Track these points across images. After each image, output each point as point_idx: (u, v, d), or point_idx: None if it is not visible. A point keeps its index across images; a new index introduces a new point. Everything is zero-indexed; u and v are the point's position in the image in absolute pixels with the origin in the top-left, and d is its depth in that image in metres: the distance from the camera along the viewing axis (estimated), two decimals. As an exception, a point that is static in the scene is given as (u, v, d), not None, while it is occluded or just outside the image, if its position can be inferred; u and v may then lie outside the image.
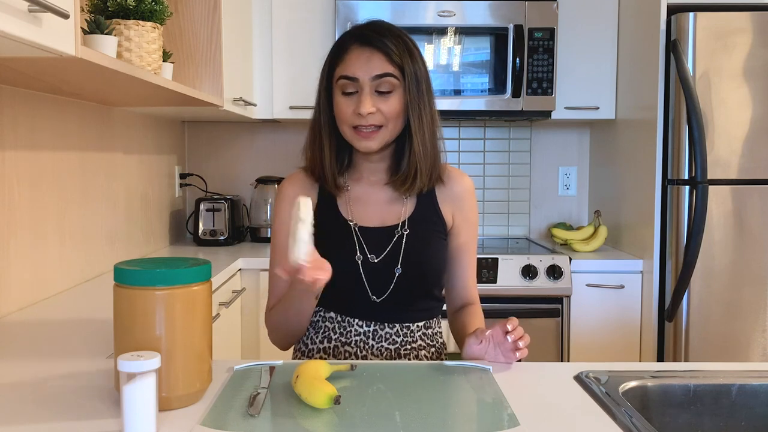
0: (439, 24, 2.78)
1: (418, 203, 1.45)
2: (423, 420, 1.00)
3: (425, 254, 1.42)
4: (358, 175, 1.46)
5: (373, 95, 1.34)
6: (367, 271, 1.40)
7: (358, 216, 1.43)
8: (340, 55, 1.38)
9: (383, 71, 1.34)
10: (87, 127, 2.13)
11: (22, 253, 1.75)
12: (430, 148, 1.40)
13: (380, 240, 1.41)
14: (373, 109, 1.33)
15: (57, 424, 0.98)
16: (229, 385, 1.14)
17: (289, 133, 3.23)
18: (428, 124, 1.39)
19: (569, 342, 2.64)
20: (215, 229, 2.93)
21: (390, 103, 1.35)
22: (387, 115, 1.35)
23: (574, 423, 1.02)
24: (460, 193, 1.48)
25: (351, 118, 1.35)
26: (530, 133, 3.28)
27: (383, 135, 1.36)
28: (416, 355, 1.43)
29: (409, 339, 1.43)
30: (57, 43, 1.11)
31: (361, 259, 1.40)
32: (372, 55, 1.35)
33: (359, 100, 1.34)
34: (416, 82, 1.37)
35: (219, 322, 2.14)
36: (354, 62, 1.35)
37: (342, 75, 1.36)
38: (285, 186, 1.48)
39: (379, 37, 1.36)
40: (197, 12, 2.32)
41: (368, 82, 1.34)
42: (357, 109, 1.34)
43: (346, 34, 1.40)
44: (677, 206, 2.46)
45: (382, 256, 1.40)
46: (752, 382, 1.22)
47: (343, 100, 1.36)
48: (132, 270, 1.01)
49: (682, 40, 2.41)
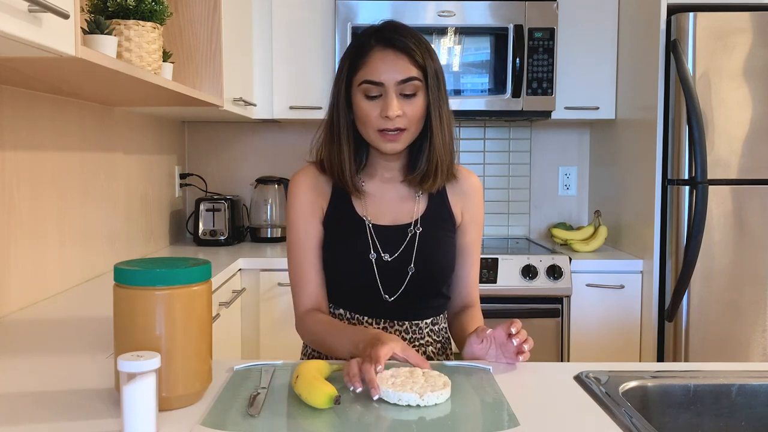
0: (439, 24, 2.78)
1: (430, 201, 1.45)
2: (423, 420, 1.00)
3: (437, 253, 1.42)
4: (372, 171, 1.45)
5: (399, 98, 1.33)
6: (380, 269, 1.40)
7: (372, 213, 1.43)
8: (362, 57, 1.36)
9: (408, 75, 1.33)
10: (87, 127, 2.13)
11: (22, 253, 1.75)
12: (449, 144, 1.40)
13: (394, 238, 1.41)
14: (400, 112, 1.33)
15: (57, 424, 0.98)
16: (229, 385, 1.13)
17: (289, 133, 3.23)
18: (447, 122, 1.40)
19: (569, 342, 2.64)
20: (215, 229, 2.93)
21: (414, 105, 1.34)
22: (411, 117, 1.34)
23: (574, 423, 1.02)
24: (469, 190, 1.48)
25: (377, 121, 1.34)
26: (530, 133, 3.28)
27: (407, 136, 1.36)
28: (423, 351, 1.44)
29: (417, 336, 1.43)
30: (57, 43, 1.11)
31: (375, 257, 1.40)
32: (396, 57, 1.33)
33: (385, 103, 1.33)
34: (437, 81, 1.37)
35: (219, 322, 2.14)
36: (378, 66, 1.33)
37: (366, 80, 1.34)
38: (298, 180, 1.46)
39: (401, 38, 1.35)
40: (197, 12, 2.32)
41: (393, 86, 1.33)
42: (384, 113, 1.32)
43: (365, 36, 1.38)
44: (677, 206, 2.46)
45: (396, 254, 1.40)
46: (752, 382, 1.22)
47: (367, 104, 1.34)
48: (132, 270, 1.01)
49: (682, 40, 2.41)
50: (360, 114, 1.36)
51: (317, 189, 1.44)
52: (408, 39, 1.35)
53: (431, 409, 1.04)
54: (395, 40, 1.34)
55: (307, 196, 1.43)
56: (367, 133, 1.37)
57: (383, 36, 1.36)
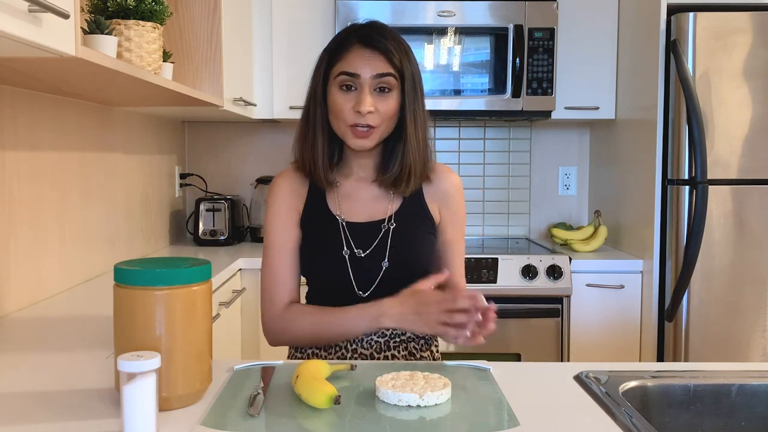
0: (439, 24, 2.78)
1: (405, 199, 1.46)
2: (423, 420, 1.00)
3: (412, 248, 1.43)
4: (347, 170, 1.47)
5: (373, 94, 1.35)
6: (354, 265, 1.41)
7: (347, 212, 1.44)
8: (341, 51, 1.38)
9: (384, 71, 1.35)
10: (87, 127, 2.13)
11: (22, 253, 1.75)
12: (423, 149, 1.42)
13: (367, 234, 1.42)
14: (373, 108, 1.34)
15: (57, 424, 0.98)
16: (229, 385, 1.13)
17: (289, 133, 3.19)
18: (421, 126, 1.41)
19: (569, 342, 2.64)
20: (215, 229, 2.93)
21: (388, 103, 1.36)
22: (384, 115, 1.36)
23: (574, 423, 1.02)
24: (447, 189, 1.48)
25: (349, 115, 1.36)
26: (530, 133, 3.28)
27: (377, 134, 1.37)
28: (406, 347, 1.44)
29: (398, 331, 1.43)
30: (57, 43, 1.11)
31: (348, 253, 1.41)
32: (373, 55, 1.36)
33: (359, 97, 1.35)
34: (413, 83, 1.39)
35: (219, 322, 2.14)
36: (356, 60, 1.36)
37: (343, 71, 1.36)
38: (278, 181, 1.48)
39: (381, 38, 1.37)
40: (197, 12, 2.32)
41: (369, 80, 1.35)
42: (356, 107, 1.34)
43: (346, 32, 1.40)
44: (677, 206, 2.46)
45: (369, 250, 1.41)
46: (752, 382, 1.22)
47: (341, 97, 1.36)
48: (132, 270, 1.01)
49: (682, 40, 2.41)
50: (333, 107, 1.37)
51: (294, 191, 1.46)
52: (388, 41, 1.37)
53: (431, 409, 1.04)
54: (375, 40, 1.36)
55: (285, 203, 1.45)
56: (339, 126, 1.38)
57: (364, 33, 1.38)
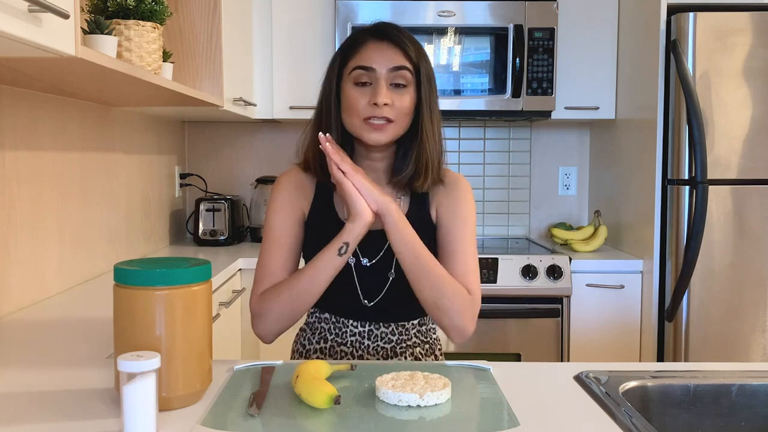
0: (439, 24, 2.78)
1: (412, 206, 1.42)
2: (423, 420, 1.00)
3: None
4: None
5: (389, 88, 1.33)
6: (359, 274, 1.39)
7: None
8: (356, 47, 1.36)
9: (400, 63, 1.33)
10: (87, 127, 2.13)
11: (22, 253, 1.75)
12: (439, 146, 1.40)
13: (373, 243, 1.38)
14: (389, 100, 1.32)
15: (57, 424, 0.98)
16: (229, 385, 1.13)
17: (289, 133, 3.23)
18: (437, 123, 1.39)
19: (569, 342, 2.64)
20: (215, 229, 2.93)
21: (403, 98, 1.34)
22: (399, 109, 1.33)
23: (574, 423, 1.02)
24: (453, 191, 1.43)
25: (364, 109, 1.32)
26: (530, 133, 3.28)
27: (393, 130, 1.34)
28: (411, 353, 1.43)
29: (404, 337, 1.43)
30: (57, 43, 1.11)
31: (354, 261, 1.39)
32: (389, 48, 1.34)
33: (375, 90, 1.32)
34: (429, 81, 1.37)
35: (219, 322, 2.14)
36: (371, 53, 1.34)
37: (358, 65, 1.33)
38: (283, 178, 1.45)
39: (397, 33, 1.36)
40: (197, 12, 2.32)
41: (385, 73, 1.33)
42: (372, 100, 1.31)
43: (360, 31, 1.39)
44: (677, 206, 2.46)
45: (376, 260, 1.39)
46: (752, 382, 1.22)
47: (356, 92, 1.33)
48: (132, 270, 1.01)
49: (682, 40, 2.41)
50: (347, 103, 1.34)
51: (300, 189, 1.43)
52: (403, 35, 1.36)
53: (431, 409, 1.04)
54: (391, 33, 1.36)
55: (288, 194, 1.42)
56: (353, 122, 1.35)
57: (379, 30, 1.37)
